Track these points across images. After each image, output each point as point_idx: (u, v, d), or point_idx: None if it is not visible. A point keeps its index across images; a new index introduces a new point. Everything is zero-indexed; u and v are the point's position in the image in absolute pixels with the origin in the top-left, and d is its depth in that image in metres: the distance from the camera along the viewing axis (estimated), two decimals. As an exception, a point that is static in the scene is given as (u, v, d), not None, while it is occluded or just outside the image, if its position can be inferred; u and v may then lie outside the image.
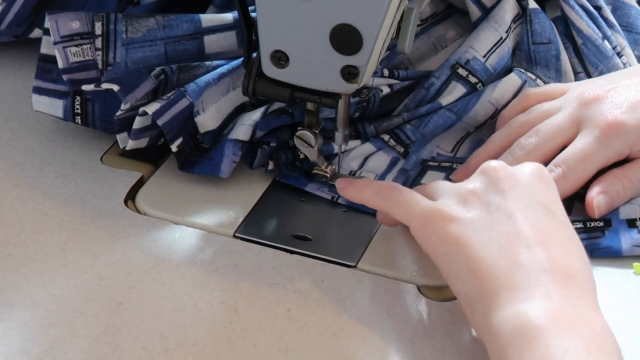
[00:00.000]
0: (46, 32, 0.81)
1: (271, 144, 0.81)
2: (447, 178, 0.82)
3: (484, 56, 0.86)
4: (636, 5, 0.94)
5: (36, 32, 0.90)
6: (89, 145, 0.84)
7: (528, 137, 0.80)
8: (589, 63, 0.89)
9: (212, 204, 0.80)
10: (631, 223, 0.76)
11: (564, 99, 0.82)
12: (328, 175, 0.81)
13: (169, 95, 0.79)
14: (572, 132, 0.79)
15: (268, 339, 0.67)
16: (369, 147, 0.84)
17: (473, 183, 0.68)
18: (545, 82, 0.87)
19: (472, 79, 0.85)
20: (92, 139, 0.85)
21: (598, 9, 0.91)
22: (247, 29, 0.76)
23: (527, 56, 0.88)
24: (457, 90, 0.85)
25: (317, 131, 0.78)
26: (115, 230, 0.76)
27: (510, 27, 0.87)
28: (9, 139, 0.85)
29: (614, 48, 0.89)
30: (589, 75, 0.88)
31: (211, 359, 0.66)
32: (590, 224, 0.76)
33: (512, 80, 0.85)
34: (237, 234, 0.77)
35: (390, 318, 0.69)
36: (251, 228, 0.77)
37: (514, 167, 0.69)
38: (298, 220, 0.79)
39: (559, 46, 0.88)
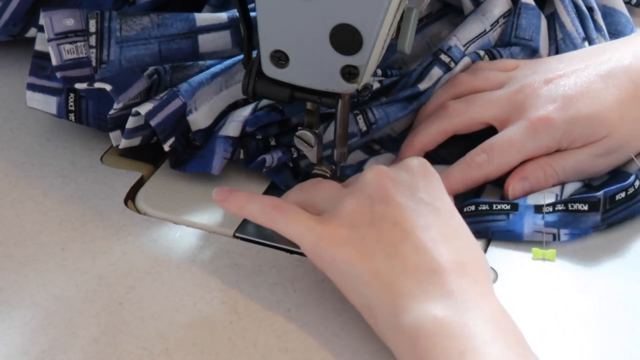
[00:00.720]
0: (41, 29, 0.81)
1: (257, 137, 0.81)
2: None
3: (464, 45, 0.88)
4: (626, 12, 0.95)
5: (32, 32, 0.90)
6: (89, 145, 0.84)
7: (458, 102, 0.82)
8: None
9: (212, 204, 0.79)
10: (538, 209, 0.77)
11: (508, 75, 0.84)
12: (328, 175, 0.81)
13: (161, 95, 0.80)
14: (502, 112, 0.81)
15: (268, 339, 0.67)
16: (359, 154, 0.84)
17: (356, 196, 0.68)
18: (495, 57, 0.88)
19: (453, 65, 0.87)
20: (92, 139, 0.85)
21: (590, 10, 0.91)
22: (247, 28, 0.76)
23: (505, 46, 0.89)
24: (436, 75, 0.86)
25: (317, 131, 0.78)
26: (115, 230, 0.76)
27: (498, 21, 0.88)
28: (9, 139, 0.85)
29: None
30: None
31: (211, 359, 0.66)
32: (496, 206, 0.77)
33: (464, 61, 0.87)
34: (237, 234, 0.77)
35: (390, 318, 0.69)
36: (251, 228, 0.77)
37: (395, 170, 0.69)
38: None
39: (539, 44, 0.88)
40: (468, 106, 0.82)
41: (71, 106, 0.82)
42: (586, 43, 0.89)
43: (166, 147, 0.80)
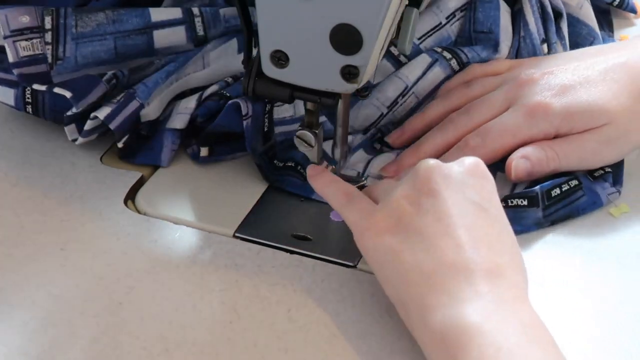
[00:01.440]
0: None
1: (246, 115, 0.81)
2: None
3: (419, 38, 0.88)
4: (590, 23, 0.94)
5: None
6: (89, 145, 0.84)
7: (461, 113, 0.83)
8: (519, 57, 0.90)
9: (212, 204, 0.80)
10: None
11: (504, 77, 0.84)
12: (328, 175, 0.81)
13: (118, 98, 0.80)
14: (503, 110, 0.81)
15: (268, 339, 0.67)
16: (362, 154, 0.84)
17: (406, 186, 0.68)
18: (461, 61, 0.88)
19: (403, 59, 0.88)
20: (92, 139, 0.85)
21: (559, 15, 0.92)
22: (247, 28, 0.76)
23: (467, 42, 0.90)
24: (385, 68, 0.87)
25: (317, 131, 0.78)
26: (115, 230, 0.76)
27: (454, 14, 0.89)
28: (9, 139, 0.85)
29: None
30: None
31: (211, 359, 0.66)
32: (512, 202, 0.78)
33: (422, 58, 0.87)
34: (237, 234, 0.77)
35: (390, 318, 0.69)
36: (251, 228, 0.77)
37: (448, 165, 0.69)
38: (298, 220, 0.79)
39: (499, 37, 0.89)
40: (469, 115, 0.82)
41: (28, 99, 0.83)
42: (545, 45, 0.90)
43: (120, 144, 0.81)
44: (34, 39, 0.80)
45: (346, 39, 0.69)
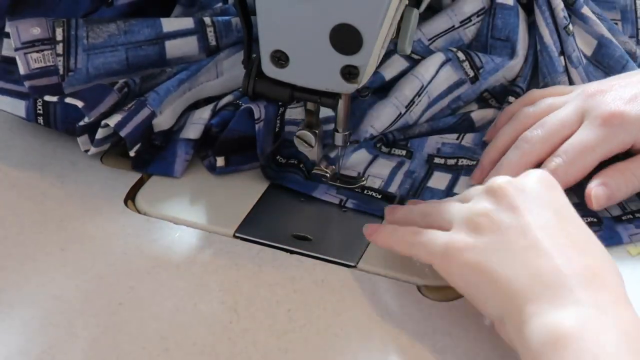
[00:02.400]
0: (7, 35, 0.81)
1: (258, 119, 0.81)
2: (454, 177, 0.82)
3: (430, 39, 0.89)
4: (619, 46, 0.92)
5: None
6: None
7: (534, 130, 0.80)
8: (539, 71, 0.89)
9: (212, 204, 0.80)
10: (618, 219, 0.77)
11: (569, 95, 0.82)
12: (328, 175, 0.81)
13: (129, 105, 0.80)
14: (577, 124, 0.79)
15: (268, 339, 0.67)
16: (364, 154, 0.84)
17: (482, 203, 0.68)
18: (474, 65, 0.87)
19: (415, 56, 0.88)
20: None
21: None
22: (247, 28, 0.76)
23: (483, 47, 0.90)
24: (398, 63, 0.87)
25: (317, 131, 0.78)
26: (115, 230, 0.76)
27: (470, 19, 0.89)
28: (9, 139, 0.85)
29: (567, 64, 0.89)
30: (535, 83, 0.89)
31: (211, 359, 0.66)
32: (585, 219, 0.76)
33: (437, 56, 0.87)
34: (237, 234, 0.77)
35: (390, 318, 0.69)
36: (251, 228, 0.77)
37: (519, 180, 0.69)
38: (298, 220, 0.79)
39: (517, 45, 0.88)
40: (543, 130, 0.79)
41: (39, 110, 0.82)
42: (562, 57, 0.89)
43: (132, 153, 0.81)
44: (45, 50, 0.80)
45: (346, 39, 0.69)
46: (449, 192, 0.80)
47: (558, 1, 0.89)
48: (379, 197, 0.80)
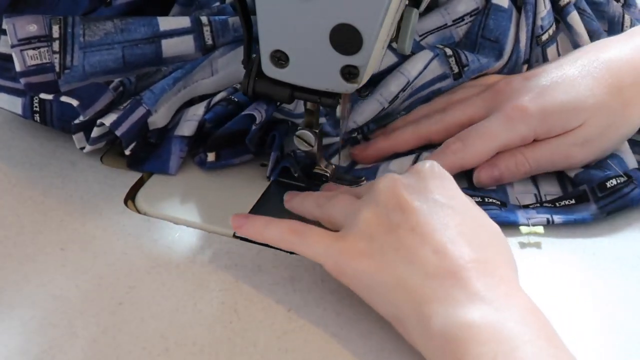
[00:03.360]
0: (4, 32, 0.81)
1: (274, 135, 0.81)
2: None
3: (421, 35, 0.89)
4: None
5: None
6: (89, 145, 0.84)
7: (438, 111, 0.84)
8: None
9: (212, 204, 0.80)
10: (525, 207, 0.79)
11: (487, 86, 0.86)
12: (328, 175, 0.81)
13: (125, 104, 0.80)
14: (478, 110, 0.83)
15: (268, 339, 0.67)
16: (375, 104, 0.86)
17: (371, 205, 0.68)
18: (460, 61, 0.88)
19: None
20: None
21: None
22: (247, 28, 0.76)
23: (472, 45, 0.90)
24: (387, 58, 0.88)
25: (317, 131, 0.78)
26: (115, 230, 0.76)
27: (463, 18, 0.90)
28: (9, 139, 0.85)
29: None
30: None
31: (211, 359, 0.66)
32: (488, 199, 0.79)
33: (425, 53, 0.88)
34: (237, 234, 0.77)
35: (390, 318, 0.69)
36: (251, 228, 0.77)
37: (406, 176, 0.69)
38: (298, 220, 0.78)
39: (504, 47, 0.89)
40: (444, 113, 0.83)
41: (36, 107, 0.83)
42: (525, 66, 0.90)
43: (127, 152, 0.81)
44: (41, 47, 0.80)
45: (346, 39, 0.69)
46: None
47: (542, 7, 0.89)
48: None
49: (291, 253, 0.75)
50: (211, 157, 0.82)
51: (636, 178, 0.78)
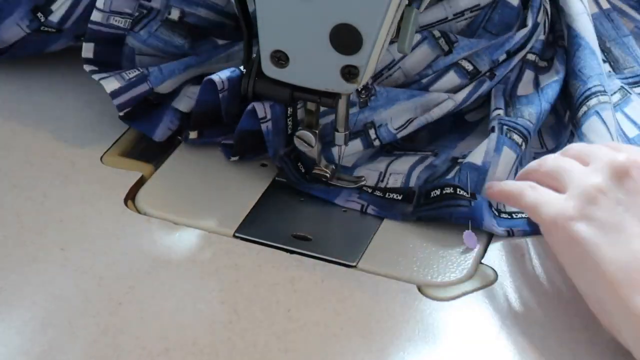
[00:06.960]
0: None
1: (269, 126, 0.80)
2: None
3: (422, 27, 0.88)
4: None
5: None
6: (89, 145, 0.84)
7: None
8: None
9: (212, 204, 0.80)
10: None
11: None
12: (328, 175, 0.81)
13: (131, 77, 0.81)
14: None
15: (268, 339, 0.67)
16: (358, 144, 0.84)
17: (600, 177, 0.65)
18: (449, 40, 0.86)
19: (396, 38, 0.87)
20: (92, 139, 0.85)
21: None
22: (247, 28, 0.76)
23: (471, 34, 0.89)
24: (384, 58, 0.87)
25: (317, 131, 0.78)
26: (115, 230, 0.76)
27: (463, 13, 0.88)
28: (9, 139, 0.85)
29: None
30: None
31: (211, 359, 0.66)
32: (460, 191, 0.77)
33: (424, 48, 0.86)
34: (237, 234, 0.77)
35: (390, 318, 0.69)
36: (251, 228, 0.77)
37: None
38: (298, 220, 0.79)
39: (503, 44, 0.87)
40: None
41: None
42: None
43: (121, 113, 0.82)
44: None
45: (346, 39, 0.69)
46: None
47: (542, 33, 0.89)
48: (400, 197, 0.79)
49: (291, 253, 0.75)
50: (193, 134, 0.83)
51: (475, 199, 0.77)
